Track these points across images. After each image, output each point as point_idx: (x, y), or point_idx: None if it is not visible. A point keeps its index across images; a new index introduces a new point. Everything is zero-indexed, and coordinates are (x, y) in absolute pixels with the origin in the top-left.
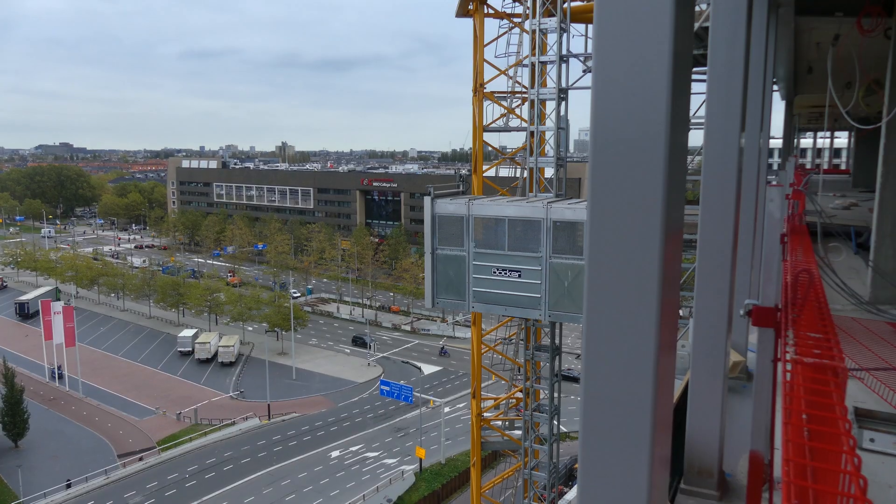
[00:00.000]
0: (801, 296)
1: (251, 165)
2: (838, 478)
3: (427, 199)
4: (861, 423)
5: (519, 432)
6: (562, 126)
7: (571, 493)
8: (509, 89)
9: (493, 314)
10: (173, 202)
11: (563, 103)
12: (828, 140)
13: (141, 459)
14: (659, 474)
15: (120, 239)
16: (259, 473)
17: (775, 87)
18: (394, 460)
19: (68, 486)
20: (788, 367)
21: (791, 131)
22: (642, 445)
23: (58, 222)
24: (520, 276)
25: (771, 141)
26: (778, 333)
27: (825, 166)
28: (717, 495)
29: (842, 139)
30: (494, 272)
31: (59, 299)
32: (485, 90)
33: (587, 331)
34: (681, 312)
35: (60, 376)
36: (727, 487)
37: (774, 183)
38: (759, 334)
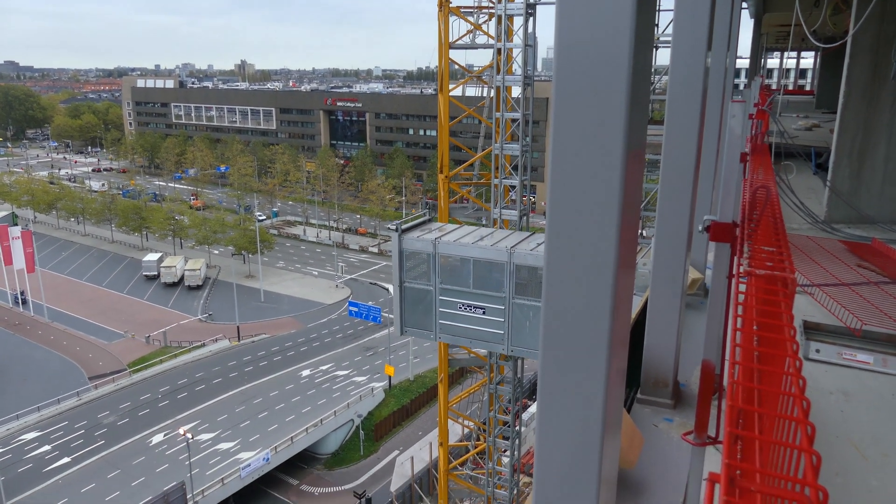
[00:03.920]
0: (758, 212)
1: (210, 85)
2: (780, 379)
3: (394, 235)
4: (809, 335)
5: (484, 350)
6: (529, 43)
7: (536, 406)
8: (476, 4)
9: None
10: (130, 123)
11: (531, 19)
12: (794, 60)
13: (113, 381)
14: (615, 385)
15: (76, 162)
16: (231, 393)
17: (744, 5)
18: (363, 378)
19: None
20: (742, 278)
21: (758, 51)
22: (599, 358)
23: (9, 145)
24: (484, 312)
25: (738, 61)
26: (734, 249)
27: (791, 87)
28: (672, 403)
29: (808, 60)
30: (460, 307)
31: (16, 224)
32: (450, 4)
33: (548, 246)
34: (644, 232)
35: (24, 301)
36: (681, 396)
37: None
38: (715, 249)
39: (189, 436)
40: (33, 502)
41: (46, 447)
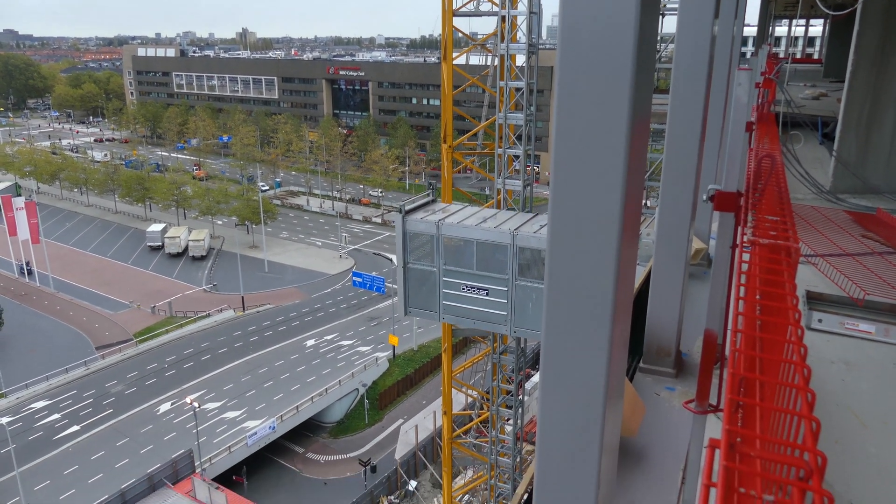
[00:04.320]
0: (762, 182)
1: (211, 53)
2: (782, 348)
3: (398, 216)
4: (812, 305)
5: None
6: (534, 10)
7: (539, 375)
8: None
9: None
10: (131, 93)
11: None
12: (803, 28)
13: (120, 351)
14: (617, 354)
15: (78, 132)
16: (237, 362)
17: None
18: (368, 348)
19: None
20: (746, 248)
21: (767, 18)
22: (602, 327)
23: (10, 115)
24: (487, 294)
25: (745, 28)
26: (738, 219)
27: (798, 55)
28: (674, 373)
29: (817, 27)
30: (463, 288)
31: (19, 195)
32: None
33: (552, 217)
34: (648, 202)
35: (30, 272)
36: (683, 365)
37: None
38: (720, 219)
39: (196, 405)
40: (44, 469)
41: (56, 416)
